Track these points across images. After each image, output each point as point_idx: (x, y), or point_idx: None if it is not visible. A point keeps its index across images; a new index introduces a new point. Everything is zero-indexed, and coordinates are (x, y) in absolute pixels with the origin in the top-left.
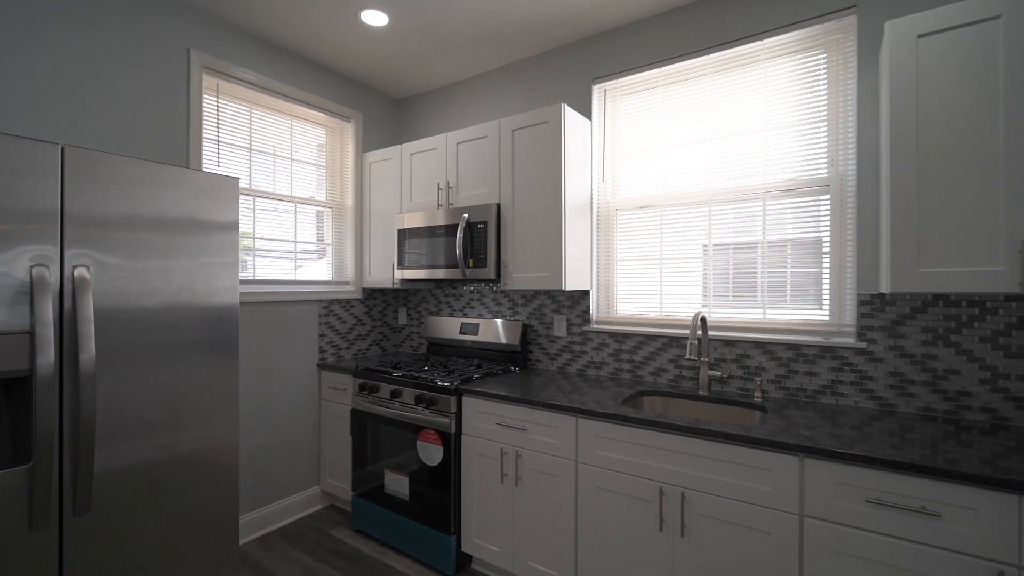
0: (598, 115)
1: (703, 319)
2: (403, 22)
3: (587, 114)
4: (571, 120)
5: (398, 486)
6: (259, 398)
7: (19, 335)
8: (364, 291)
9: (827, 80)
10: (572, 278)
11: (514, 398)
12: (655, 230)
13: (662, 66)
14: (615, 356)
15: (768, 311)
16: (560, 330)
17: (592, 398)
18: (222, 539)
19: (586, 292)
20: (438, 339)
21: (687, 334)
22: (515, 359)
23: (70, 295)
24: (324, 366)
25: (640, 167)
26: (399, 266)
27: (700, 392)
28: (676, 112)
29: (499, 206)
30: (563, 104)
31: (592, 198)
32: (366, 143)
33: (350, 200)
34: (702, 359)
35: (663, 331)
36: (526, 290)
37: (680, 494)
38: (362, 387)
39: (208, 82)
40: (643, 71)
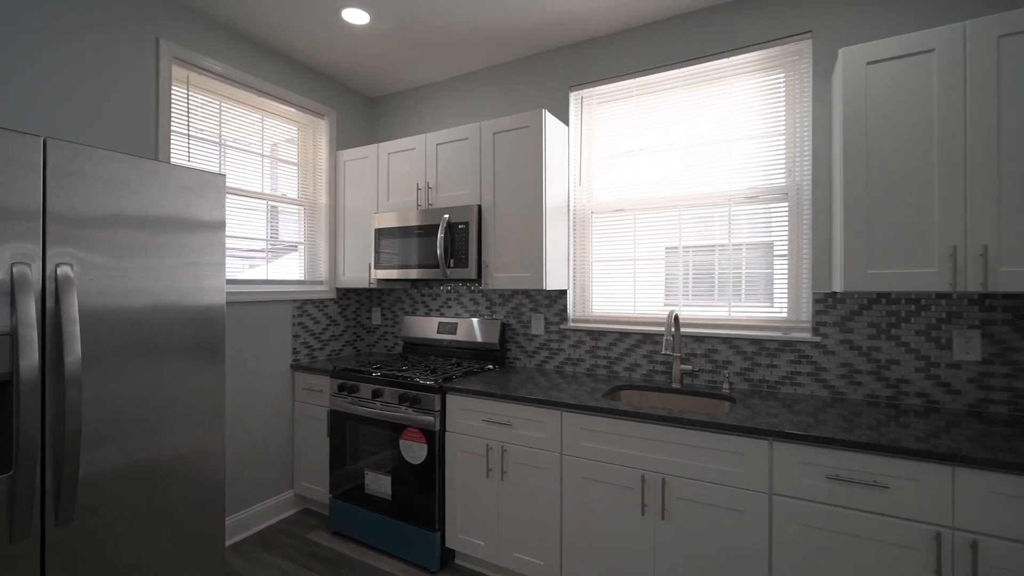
0: (575, 121)
1: (676, 317)
2: (384, 21)
3: (564, 120)
4: (551, 125)
5: (380, 486)
6: (230, 401)
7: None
8: (338, 291)
9: (785, 97)
10: (551, 278)
11: (500, 395)
12: (628, 232)
13: (636, 77)
14: (591, 353)
15: (733, 309)
16: (538, 328)
17: (573, 393)
18: (208, 546)
19: (563, 291)
20: (415, 339)
21: (659, 331)
22: (494, 357)
23: (53, 295)
24: (298, 367)
25: (614, 172)
26: (376, 266)
27: (673, 385)
28: (649, 121)
29: (480, 207)
30: (544, 110)
31: (569, 201)
32: (340, 141)
33: (323, 199)
34: (675, 354)
35: (637, 328)
36: (504, 290)
37: (661, 480)
38: (341, 388)
39: (178, 73)
40: (618, 81)
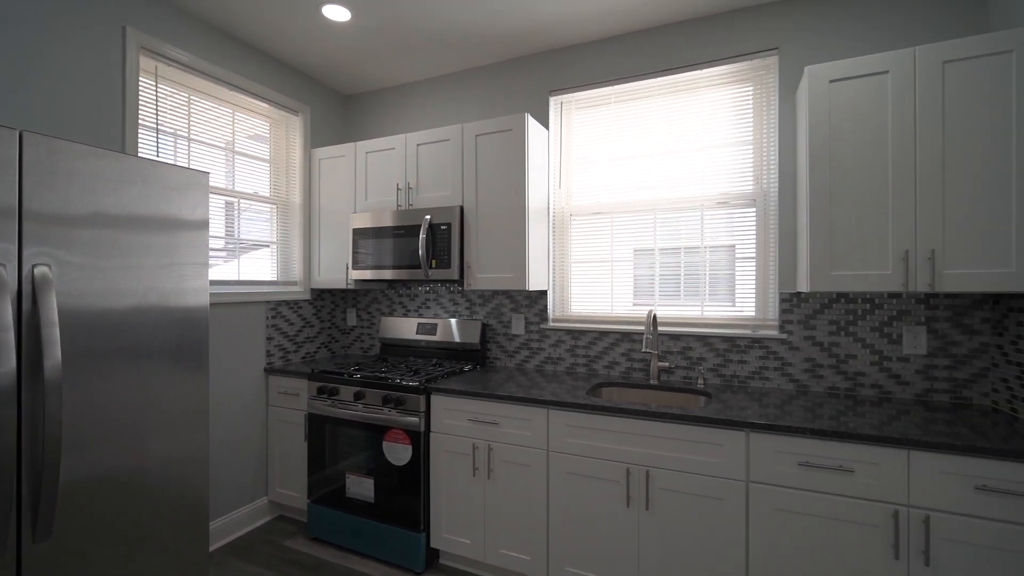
0: (555, 125)
1: (654, 316)
2: (365, 19)
3: (544, 123)
4: (532, 129)
5: (362, 489)
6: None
7: None
8: (313, 292)
9: (753, 108)
10: (533, 279)
11: (487, 394)
12: (606, 235)
13: (614, 84)
14: (571, 352)
15: (706, 308)
16: (519, 328)
17: (555, 391)
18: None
19: (543, 292)
20: (393, 340)
21: (637, 330)
22: (475, 357)
23: (30, 296)
24: (272, 371)
25: (593, 176)
26: (354, 266)
27: (651, 381)
28: (627, 127)
29: (462, 208)
30: (527, 114)
31: (549, 203)
32: (314, 139)
33: (297, 197)
34: (653, 352)
35: (615, 327)
36: (484, 290)
37: (645, 472)
38: (320, 390)
39: (146, 64)
40: (597, 88)
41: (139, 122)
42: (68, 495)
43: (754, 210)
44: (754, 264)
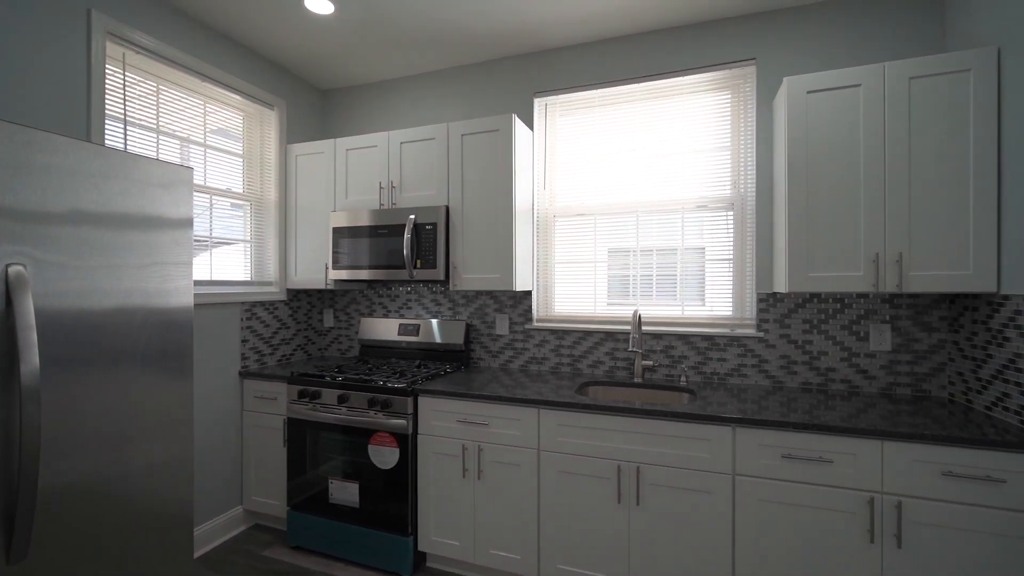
0: (539, 126)
1: (639, 316)
2: (349, 13)
3: (529, 124)
4: (519, 130)
5: (346, 494)
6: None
7: None
8: (289, 292)
9: (731, 115)
10: (520, 279)
11: (476, 395)
12: (589, 235)
13: (598, 88)
14: (556, 351)
15: (686, 308)
16: (503, 329)
17: (539, 391)
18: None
19: (528, 292)
20: (373, 341)
21: (620, 329)
22: (459, 358)
23: (4, 297)
24: (247, 374)
25: (576, 178)
26: (334, 266)
27: (635, 380)
28: (610, 131)
29: (448, 208)
30: (514, 115)
31: (533, 204)
32: (290, 134)
33: (273, 194)
34: (637, 351)
35: (599, 327)
36: (468, 290)
37: (635, 469)
38: (301, 394)
39: (113, 51)
40: (581, 91)
41: (105, 112)
42: (46, 509)
43: (732, 213)
44: (732, 265)
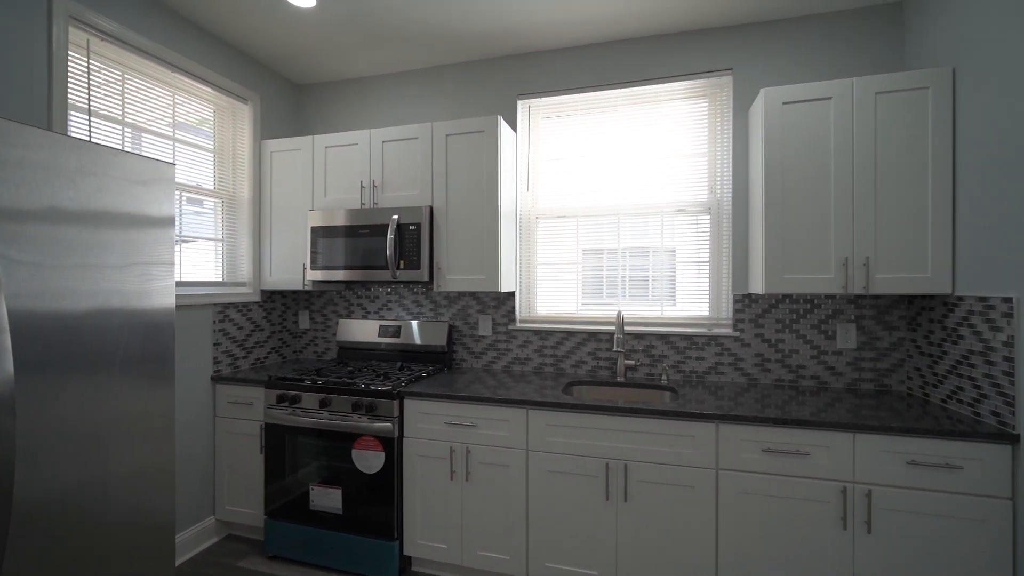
0: (522, 128)
1: (622, 316)
2: (333, 7)
3: (512, 126)
4: (503, 132)
5: (328, 500)
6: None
7: None
8: (263, 293)
9: (708, 123)
10: (504, 280)
11: (464, 396)
12: (572, 237)
13: (581, 93)
14: (539, 352)
15: (665, 308)
16: (486, 330)
17: (526, 391)
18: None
19: (511, 293)
20: (352, 343)
21: (602, 329)
22: (441, 359)
23: None
24: (221, 379)
25: (559, 180)
26: (312, 266)
27: (618, 379)
28: (591, 136)
29: (432, 209)
30: (499, 117)
31: (516, 205)
32: (263, 130)
33: (246, 191)
34: (620, 350)
35: (582, 327)
36: (450, 291)
37: (623, 466)
38: (280, 399)
39: (76, 36)
40: (564, 95)
41: (68, 102)
42: (21, 520)
43: (708, 217)
44: (709, 267)
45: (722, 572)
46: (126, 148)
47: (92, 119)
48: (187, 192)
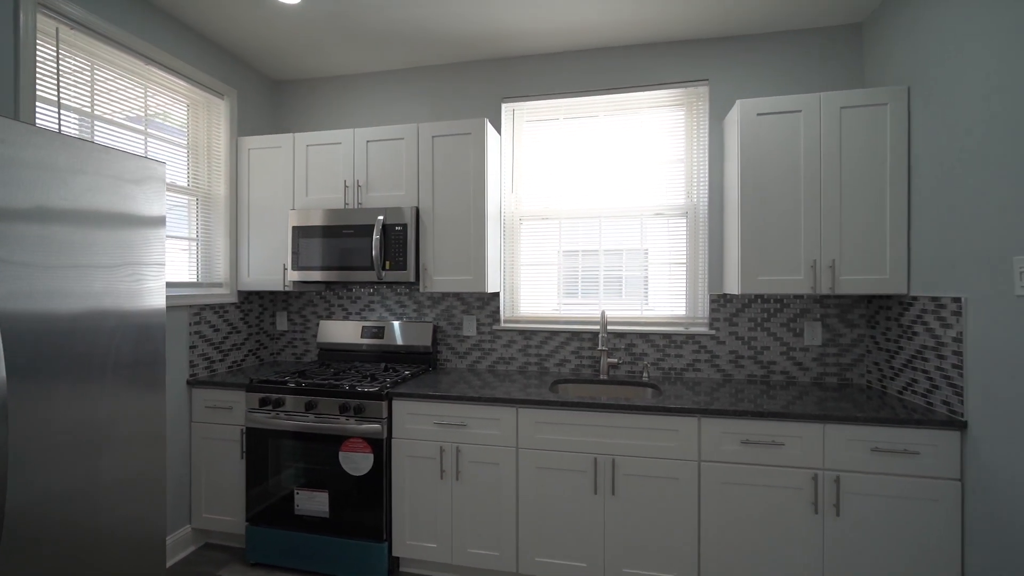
0: (507, 131)
1: (605, 316)
2: (318, 5)
3: (497, 128)
4: (490, 135)
5: (314, 504)
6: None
7: None
8: (240, 294)
9: (685, 130)
10: (490, 281)
11: (455, 396)
12: (554, 238)
13: (564, 98)
14: (524, 351)
15: (645, 308)
16: (470, 330)
17: (513, 389)
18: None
19: (495, 294)
20: (333, 344)
21: (585, 329)
22: (426, 360)
23: None
24: (197, 383)
25: (541, 183)
26: (294, 267)
27: (601, 377)
28: (574, 141)
29: (418, 209)
30: (486, 120)
31: (500, 207)
32: (240, 126)
33: (222, 189)
34: (603, 349)
35: (565, 327)
36: (434, 292)
37: (611, 461)
38: (263, 402)
39: (45, 24)
40: (546, 99)
41: (36, 94)
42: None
43: (685, 221)
44: (686, 269)
45: (704, 557)
46: (95, 142)
47: (62, 111)
48: None
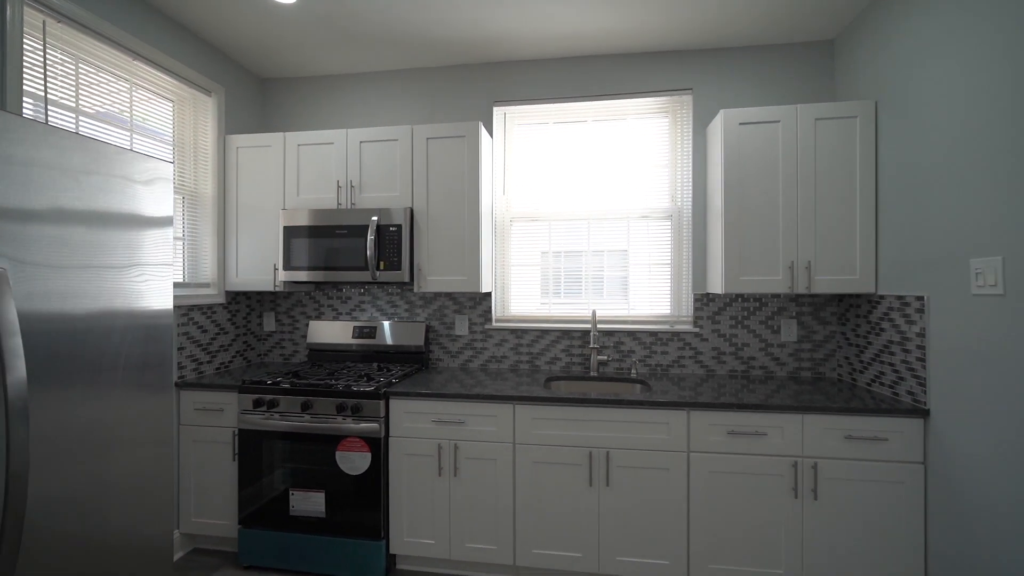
0: (498, 134)
1: (595, 315)
2: (313, 5)
3: (489, 130)
4: (484, 137)
5: (309, 504)
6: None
7: None
8: (227, 294)
9: (670, 137)
10: (484, 281)
11: (452, 394)
12: (544, 239)
13: (554, 103)
14: (515, 350)
15: (632, 307)
16: (462, 329)
17: (506, 387)
18: None
19: (487, 293)
20: (324, 345)
21: (575, 328)
22: (418, 359)
23: None
24: (185, 385)
25: (532, 185)
26: (285, 267)
27: (592, 373)
28: (563, 145)
29: (412, 210)
30: (479, 123)
31: (492, 208)
32: (228, 124)
33: (209, 188)
34: (594, 346)
35: (556, 326)
36: (427, 292)
37: (605, 454)
38: (257, 403)
39: (31, 17)
40: (537, 104)
41: (23, 89)
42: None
43: (670, 223)
44: (670, 269)
45: (693, 543)
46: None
47: (48, 107)
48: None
